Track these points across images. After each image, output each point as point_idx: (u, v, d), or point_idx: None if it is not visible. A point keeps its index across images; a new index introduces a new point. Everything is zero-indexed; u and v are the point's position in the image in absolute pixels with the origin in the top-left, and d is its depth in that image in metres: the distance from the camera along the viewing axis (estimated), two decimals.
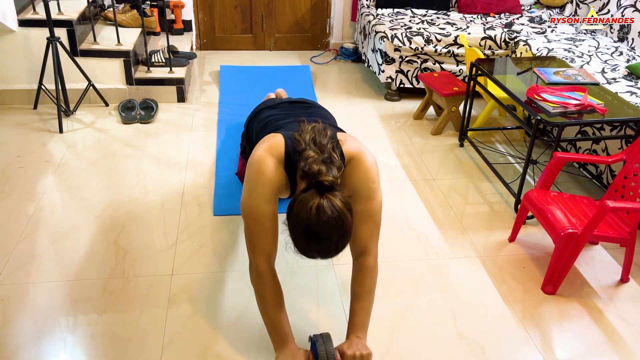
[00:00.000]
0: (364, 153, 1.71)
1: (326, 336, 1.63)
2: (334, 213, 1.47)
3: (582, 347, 1.86)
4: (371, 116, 3.62)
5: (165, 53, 3.71)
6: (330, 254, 1.54)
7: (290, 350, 1.67)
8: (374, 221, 1.73)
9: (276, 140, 1.70)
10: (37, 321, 1.85)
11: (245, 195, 1.69)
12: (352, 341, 1.67)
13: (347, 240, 1.55)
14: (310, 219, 1.47)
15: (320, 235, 1.48)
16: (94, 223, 2.38)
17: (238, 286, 2.05)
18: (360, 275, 1.73)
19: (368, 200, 1.70)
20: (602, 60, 3.20)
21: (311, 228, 1.47)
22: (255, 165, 1.66)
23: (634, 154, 2.21)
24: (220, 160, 2.93)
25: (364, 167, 1.70)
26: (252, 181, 1.66)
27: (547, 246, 2.37)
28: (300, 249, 1.54)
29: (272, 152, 1.67)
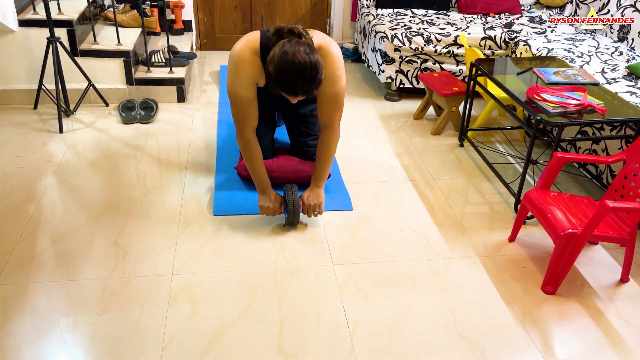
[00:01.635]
0: (330, 45, 2.10)
1: (294, 187, 2.34)
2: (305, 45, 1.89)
3: (582, 347, 1.86)
4: (371, 116, 3.62)
5: (165, 53, 3.71)
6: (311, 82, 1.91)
7: (268, 194, 2.33)
8: (337, 102, 2.20)
9: (253, 35, 2.10)
10: (37, 321, 1.85)
11: (228, 82, 2.13)
12: (312, 190, 2.35)
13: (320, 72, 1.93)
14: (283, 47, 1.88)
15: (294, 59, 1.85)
16: (94, 223, 2.38)
17: (238, 286, 2.05)
18: (323, 144, 2.30)
19: (333, 85, 2.13)
20: (602, 60, 3.20)
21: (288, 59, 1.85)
22: (234, 57, 2.08)
23: (634, 154, 2.21)
24: (220, 160, 2.92)
25: (330, 56, 2.09)
26: (232, 71, 2.10)
27: (547, 246, 2.37)
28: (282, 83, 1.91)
29: (249, 45, 2.06)
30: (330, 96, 2.17)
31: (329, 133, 2.28)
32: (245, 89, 2.11)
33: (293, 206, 2.29)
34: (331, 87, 2.14)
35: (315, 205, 2.34)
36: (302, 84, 1.91)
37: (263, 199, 2.34)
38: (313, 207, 2.34)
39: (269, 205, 2.32)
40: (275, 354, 1.76)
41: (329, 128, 2.27)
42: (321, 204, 2.35)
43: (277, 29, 1.97)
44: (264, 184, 2.33)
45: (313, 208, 2.34)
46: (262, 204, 2.33)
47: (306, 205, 2.33)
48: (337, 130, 2.29)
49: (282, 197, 2.36)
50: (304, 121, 2.63)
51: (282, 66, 1.88)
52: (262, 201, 2.33)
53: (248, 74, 2.08)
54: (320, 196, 2.35)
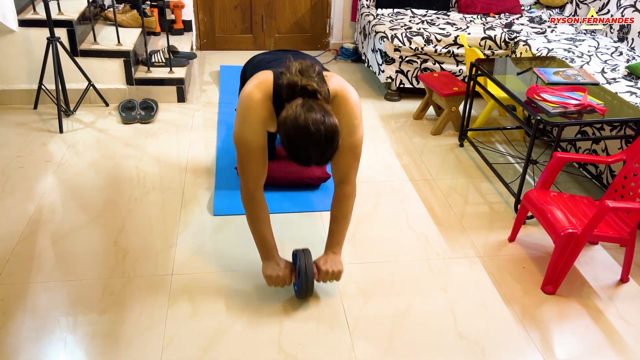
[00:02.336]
0: (348, 90, 1.84)
1: (307, 251, 1.94)
2: (320, 109, 1.62)
3: (582, 347, 1.86)
4: (371, 116, 3.62)
5: (165, 53, 3.71)
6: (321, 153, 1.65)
7: (275, 261, 1.95)
8: (354, 154, 1.90)
9: (265, 76, 1.83)
10: (37, 321, 1.85)
11: (236, 127, 1.85)
12: (328, 256, 1.97)
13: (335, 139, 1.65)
14: (296, 115, 1.61)
15: (308, 130, 1.60)
16: (94, 223, 2.38)
17: (238, 286, 2.05)
18: (339, 201, 1.96)
19: (350, 135, 1.85)
20: (602, 60, 3.20)
21: (299, 124, 1.60)
22: (245, 100, 1.81)
23: (634, 154, 2.21)
24: (220, 160, 2.93)
25: (347, 104, 1.83)
26: (242, 115, 1.82)
27: (547, 246, 2.37)
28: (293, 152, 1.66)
29: (261, 88, 1.80)
30: (347, 148, 1.85)
31: (346, 189, 1.94)
32: (255, 134, 1.82)
33: (306, 275, 1.89)
34: (348, 139, 1.84)
35: (334, 274, 1.94)
36: (316, 154, 1.66)
37: (269, 267, 1.94)
38: (331, 275, 1.94)
39: (278, 275, 1.93)
40: (275, 354, 1.76)
41: (345, 183, 1.93)
42: (340, 273, 1.96)
43: (290, 84, 1.68)
44: (269, 248, 1.96)
45: (331, 277, 1.95)
46: (270, 274, 1.93)
47: (322, 273, 1.94)
48: (354, 185, 1.96)
49: (292, 264, 1.99)
50: None
51: (294, 135, 1.62)
52: (269, 270, 1.94)
53: (260, 118, 1.80)
54: (339, 263, 1.97)
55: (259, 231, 1.94)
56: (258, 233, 1.95)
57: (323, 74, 1.78)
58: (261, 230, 1.94)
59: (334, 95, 1.80)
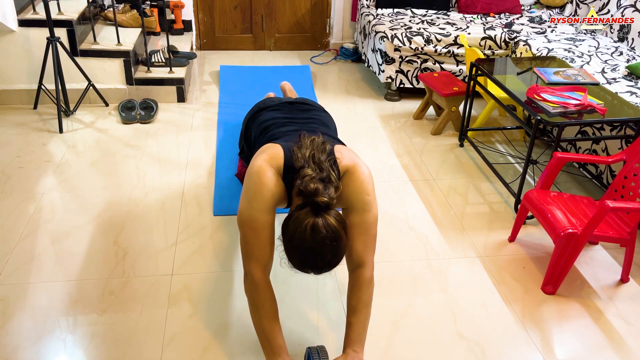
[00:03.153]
0: (359, 165, 1.72)
1: (322, 349, 1.62)
2: (329, 233, 1.49)
3: (582, 347, 1.86)
4: (371, 116, 3.62)
5: (165, 53, 3.71)
6: (324, 270, 1.55)
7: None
8: (369, 234, 1.71)
9: (275, 151, 1.70)
10: (37, 321, 1.85)
11: (243, 204, 1.68)
12: (347, 355, 1.64)
13: (341, 257, 1.56)
14: (305, 237, 1.48)
15: (314, 253, 1.50)
16: (94, 223, 2.38)
17: (238, 286, 2.05)
18: (357, 289, 1.70)
19: (363, 213, 1.69)
20: (602, 60, 3.20)
21: (306, 246, 1.49)
22: (255, 176, 1.66)
23: (634, 154, 2.21)
24: (220, 160, 2.93)
25: (359, 180, 1.70)
26: (251, 191, 1.66)
27: (547, 246, 2.37)
28: (295, 264, 1.56)
29: (272, 163, 1.67)
30: (361, 227, 1.68)
31: (364, 275, 1.69)
32: (264, 212, 1.65)
33: None
34: (361, 217, 1.68)
35: None
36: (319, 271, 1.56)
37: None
38: None
39: None
40: None
41: (361, 268, 1.69)
42: None
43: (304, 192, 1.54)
44: (274, 347, 1.64)
45: None
46: None
47: None
48: (372, 269, 1.72)
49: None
50: None
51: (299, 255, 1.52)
52: None
53: (272, 195, 1.65)
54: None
55: (264, 327, 1.66)
56: (263, 330, 1.66)
57: (335, 153, 1.70)
58: (267, 327, 1.65)
59: (344, 171, 1.69)
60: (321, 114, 2.17)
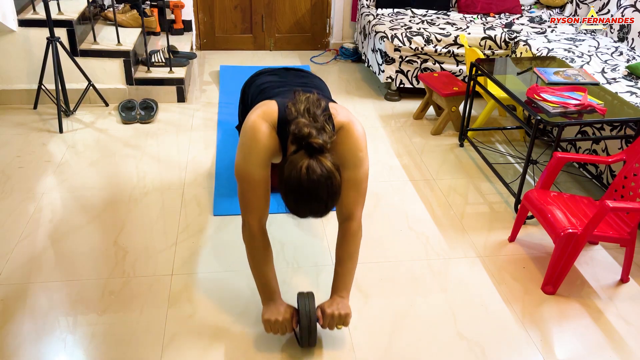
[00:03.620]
0: (354, 123, 1.77)
1: (310, 295, 1.78)
2: (324, 172, 1.53)
3: (582, 347, 1.86)
4: (371, 116, 3.62)
5: (165, 53, 3.71)
6: (321, 212, 1.59)
7: (276, 305, 1.78)
8: (359, 189, 1.79)
9: (270, 106, 1.75)
10: (37, 321, 1.85)
11: (239, 159, 1.74)
12: (334, 300, 1.79)
13: (337, 199, 1.61)
14: (300, 178, 1.52)
15: (310, 194, 1.53)
16: (94, 223, 2.38)
17: (238, 286, 2.05)
18: (344, 240, 1.82)
19: (355, 168, 1.76)
20: (602, 60, 3.20)
21: (301, 187, 1.52)
22: (249, 131, 1.71)
23: (634, 154, 2.21)
24: (220, 160, 2.93)
25: (352, 137, 1.75)
26: (246, 146, 1.72)
27: (547, 246, 2.37)
28: (292, 208, 1.59)
29: (266, 118, 1.71)
30: (351, 182, 1.75)
31: (351, 226, 1.80)
32: (260, 167, 1.71)
33: (309, 321, 1.72)
34: (352, 172, 1.74)
35: (340, 317, 1.76)
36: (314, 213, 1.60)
37: (269, 310, 1.78)
38: (337, 319, 1.76)
39: (277, 319, 1.75)
40: (275, 354, 1.76)
41: (350, 220, 1.80)
42: (347, 316, 1.77)
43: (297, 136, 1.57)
44: (270, 291, 1.80)
45: (337, 321, 1.76)
46: (268, 317, 1.76)
47: (327, 317, 1.76)
48: (360, 222, 1.82)
49: (293, 309, 1.79)
50: None
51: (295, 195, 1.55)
52: (268, 314, 1.77)
53: (266, 150, 1.71)
54: (345, 307, 1.78)
55: (261, 273, 1.79)
56: (260, 275, 1.80)
57: (330, 109, 1.72)
58: (263, 272, 1.79)
59: (339, 127, 1.73)
60: (316, 80, 2.23)
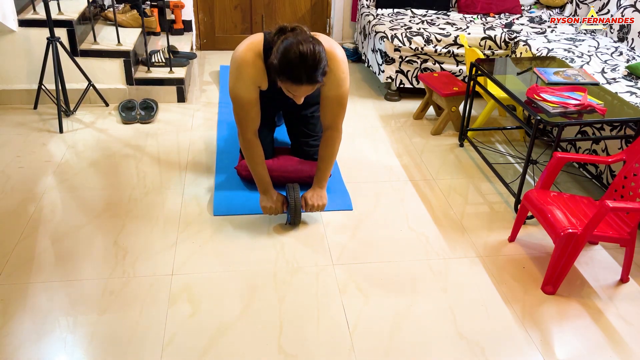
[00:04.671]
0: (335, 48, 2.11)
1: (296, 187, 2.36)
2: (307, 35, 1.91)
3: (582, 347, 1.86)
4: (371, 116, 3.62)
5: (165, 53, 3.71)
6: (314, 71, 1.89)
7: (270, 194, 2.35)
8: (341, 104, 2.22)
9: (256, 37, 2.10)
10: (37, 321, 1.85)
11: (230, 83, 2.13)
12: (314, 191, 2.38)
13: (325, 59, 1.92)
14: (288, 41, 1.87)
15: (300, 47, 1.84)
16: (94, 223, 2.38)
17: (238, 286, 2.05)
18: (327, 144, 2.32)
19: (338, 87, 2.15)
20: (602, 60, 3.20)
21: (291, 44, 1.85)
22: (237, 59, 2.08)
23: (634, 154, 2.21)
24: (220, 160, 2.92)
25: (335, 60, 2.10)
26: (234, 73, 2.10)
27: (547, 246, 2.37)
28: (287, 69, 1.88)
29: (251, 47, 2.06)
30: (335, 99, 2.19)
31: (333, 134, 2.30)
32: (247, 90, 2.12)
33: (295, 206, 2.31)
34: (335, 90, 2.16)
35: (319, 206, 2.37)
36: (306, 70, 1.88)
37: (265, 199, 2.35)
38: (316, 207, 2.37)
39: (271, 205, 2.33)
40: (275, 354, 1.76)
41: (332, 129, 2.29)
42: (324, 205, 2.38)
43: (280, 28, 1.97)
44: (265, 183, 2.35)
45: (316, 208, 2.37)
46: (264, 204, 2.34)
47: (309, 205, 2.35)
48: (340, 131, 2.32)
49: (284, 197, 2.38)
50: (306, 122, 2.63)
51: (285, 54, 1.87)
52: (264, 201, 2.35)
53: (250, 76, 2.09)
54: (323, 197, 2.38)
55: (257, 170, 2.32)
56: (256, 172, 2.32)
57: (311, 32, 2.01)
58: (259, 170, 2.32)
59: None
60: None
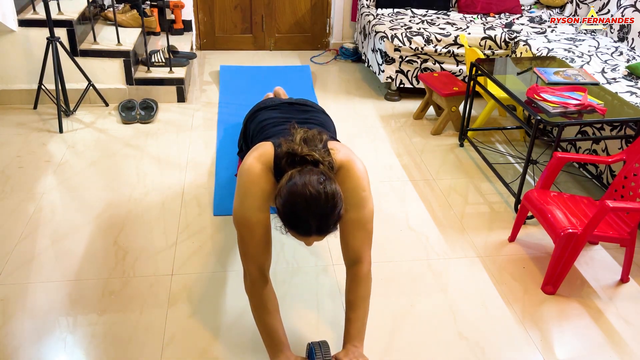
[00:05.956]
0: (354, 161, 1.70)
1: (324, 344, 1.62)
2: (317, 174, 1.50)
3: (582, 347, 1.86)
4: (371, 116, 3.62)
5: (165, 53, 3.71)
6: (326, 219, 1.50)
7: (285, 357, 1.64)
8: (365, 229, 1.70)
9: (265, 148, 1.69)
10: (37, 321, 1.85)
11: (236, 204, 1.67)
12: (348, 350, 1.64)
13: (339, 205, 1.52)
14: (294, 179, 1.49)
15: (306, 192, 1.46)
16: (94, 223, 2.38)
17: (238, 286, 2.05)
18: (354, 284, 1.71)
19: (359, 209, 1.68)
20: (602, 60, 3.20)
21: (297, 188, 1.47)
22: (245, 174, 1.66)
23: (634, 154, 2.21)
24: (220, 160, 2.93)
25: (354, 176, 1.68)
26: (242, 190, 1.66)
27: (547, 246, 2.37)
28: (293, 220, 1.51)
29: (262, 160, 1.66)
30: (357, 223, 1.68)
31: (362, 270, 1.70)
32: (258, 210, 1.64)
33: None
34: (357, 213, 1.67)
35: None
36: (316, 220, 1.49)
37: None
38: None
39: None
40: None
41: (359, 263, 1.70)
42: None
43: (289, 153, 1.57)
44: (277, 343, 1.66)
45: None
46: None
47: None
48: (369, 264, 1.73)
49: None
50: None
51: (290, 199, 1.48)
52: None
53: (263, 192, 1.64)
54: (361, 355, 1.64)
55: (266, 323, 1.68)
56: (264, 325, 1.68)
57: (329, 146, 1.67)
58: (268, 322, 1.68)
59: (339, 167, 1.67)
60: (320, 115, 2.13)
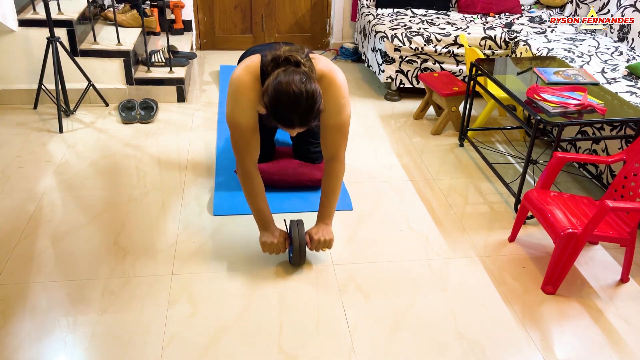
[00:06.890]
0: (335, 72, 1.95)
1: (300, 222, 2.11)
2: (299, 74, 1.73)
3: (582, 347, 1.86)
4: (371, 116, 3.62)
5: (165, 53, 3.71)
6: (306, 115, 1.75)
7: (271, 230, 2.11)
8: (342, 132, 2.03)
9: (252, 59, 1.94)
10: (37, 321, 1.85)
11: (228, 110, 1.96)
12: (319, 227, 2.13)
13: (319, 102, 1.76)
14: (278, 80, 1.72)
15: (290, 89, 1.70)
16: (94, 223, 2.38)
17: (238, 286, 2.05)
18: (329, 177, 2.10)
19: (338, 115, 1.98)
20: (602, 60, 3.20)
21: (281, 86, 1.70)
22: (234, 84, 1.92)
23: (634, 154, 2.21)
24: (220, 160, 2.93)
25: (334, 85, 1.94)
26: (231, 98, 1.94)
27: (547, 246, 2.37)
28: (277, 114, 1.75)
29: (249, 70, 1.91)
30: (335, 127, 2.00)
31: (335, 165, 2.08)
32: (246, 116, 1.93)
33: (299, 243, 2.07)
34: (335, 118, 1.97)
35: (325, 242, 2.11)
36: (299, 114, 1.74)
37: (265, 235, 2.12)
38: (322, 244, 2.11)
39: (272, 242, 2.10)
40: (275, 354, 1.76)
41: (334, 160, 2.07)
42: (331, 241, 2.12)
43: (274, 57, 1.80)
44: (265, 220, 2.12)
45: (322, 245, 2.12)
46: (265, 240, 2.11)
47: (314, 241, 2.10)
48: (343, 162, 2.10)
49: (286, 233, 2.15)
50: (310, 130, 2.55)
51: (276, 96, 1.72)
52: (264, 237, 2.12)
53: (249, 100, 1.91)
54: (329, 233, 2.13)
55: (256, 205, 2.09)
56: (255, 206, 2.10)
57: (310, 57, 1.88)
58: (258, 204, 2.09)
59: (321, 76, 1.89)
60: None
